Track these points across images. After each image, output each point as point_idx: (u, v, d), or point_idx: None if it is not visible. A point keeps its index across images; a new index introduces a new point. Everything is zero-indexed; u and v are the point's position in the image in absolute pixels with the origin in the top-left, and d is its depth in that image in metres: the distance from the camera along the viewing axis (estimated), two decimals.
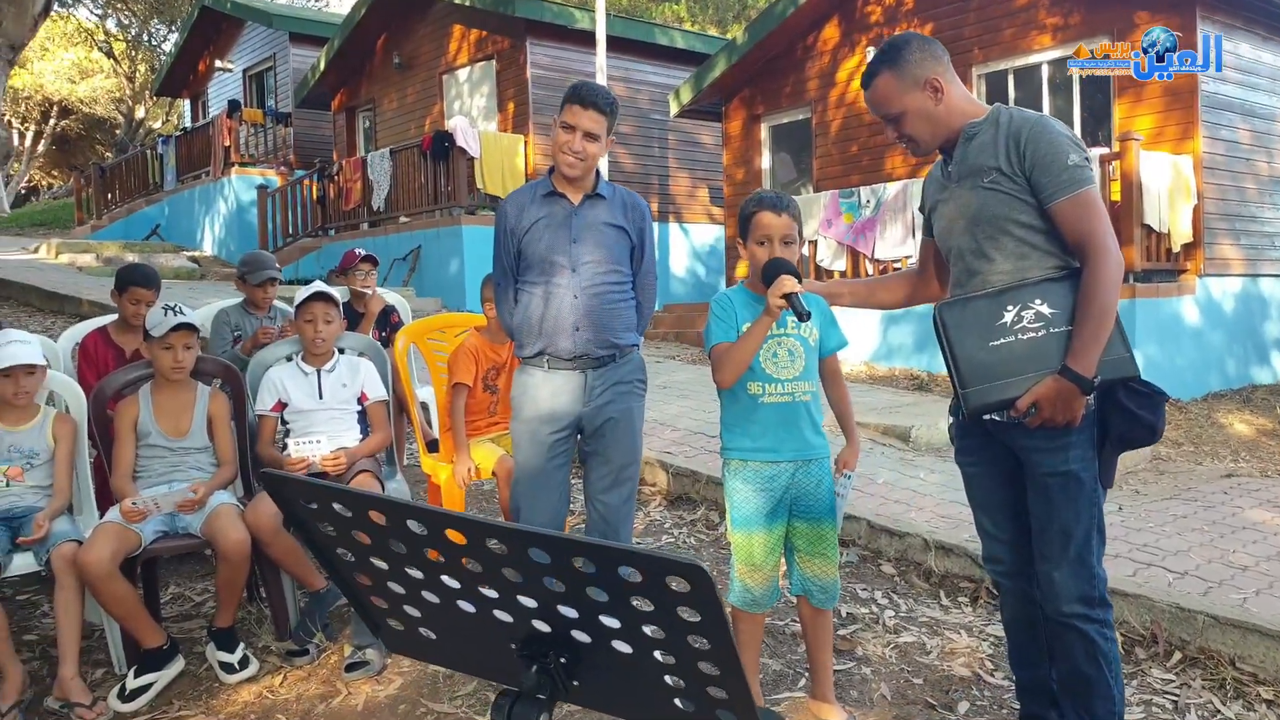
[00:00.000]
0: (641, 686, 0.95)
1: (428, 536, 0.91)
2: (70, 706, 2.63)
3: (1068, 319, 2.00)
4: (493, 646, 1.01)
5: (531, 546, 0.85)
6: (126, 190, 16.90)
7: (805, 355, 2.46)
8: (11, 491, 2.90)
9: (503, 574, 0.90)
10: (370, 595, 1.06)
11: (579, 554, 0.84)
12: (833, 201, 8.52)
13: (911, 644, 3.02)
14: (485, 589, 0.94)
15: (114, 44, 26.36)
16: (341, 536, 0.98)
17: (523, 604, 0.93)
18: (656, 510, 4.39)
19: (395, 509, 0.91)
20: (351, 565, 1.01)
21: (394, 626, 1.10)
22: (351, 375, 3.33)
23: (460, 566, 0.92)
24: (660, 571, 0.81)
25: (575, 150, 2.64)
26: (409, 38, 13.26)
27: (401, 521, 0.91)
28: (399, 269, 11.22)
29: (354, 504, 0.93)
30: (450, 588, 0.96)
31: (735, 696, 0.89)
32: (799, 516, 2.48)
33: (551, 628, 0.95)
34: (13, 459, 2.91)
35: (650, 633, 0.89)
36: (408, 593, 1.01)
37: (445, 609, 1.00)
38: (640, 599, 0.85)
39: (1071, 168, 1.99)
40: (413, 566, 0.96)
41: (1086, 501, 2.06)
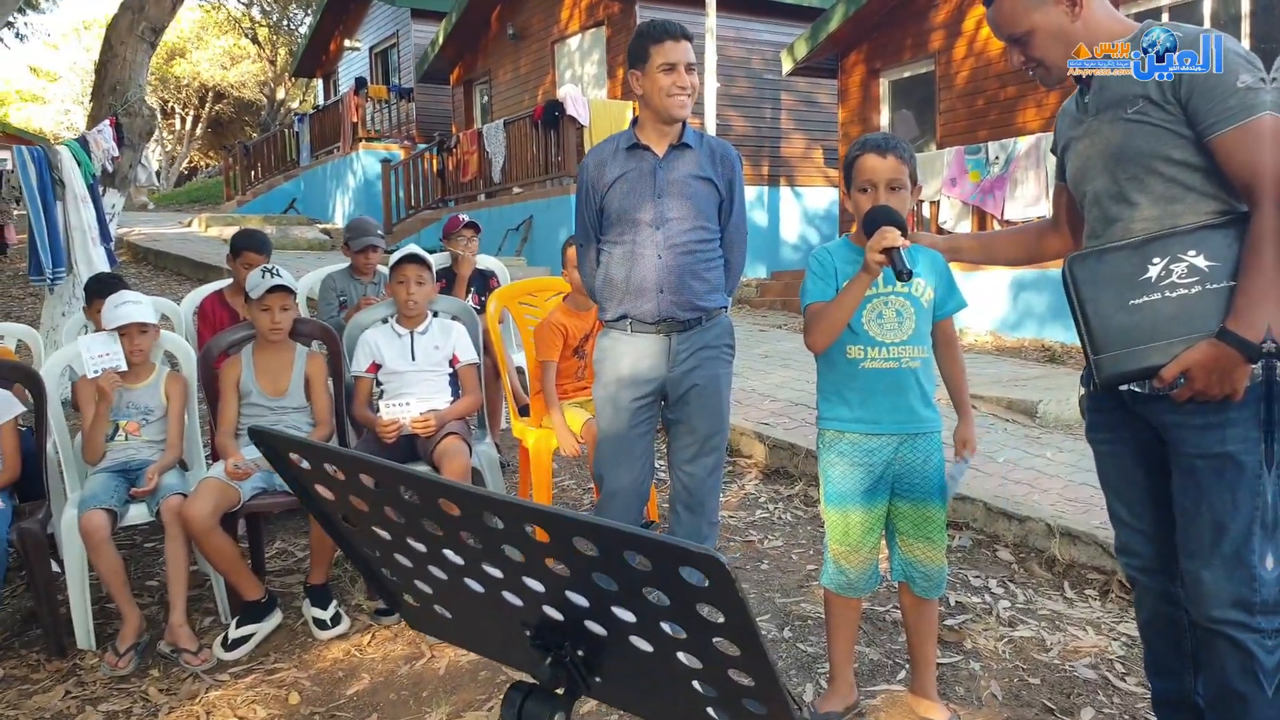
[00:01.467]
0: (669, 689, 0.81)
1: (421, 505, 0.79)
2: (179, 652, 2.74)
3: (1229, 273, 1.68)
4: (507, 630, 0.89)
5: (526, 522, 0.72)
6: (268, 167, 17.82)
7: (916, 316, 2.22)
8: (129, 445, 3.02)
9: (503, 551, 0.77)
10: (380, 567, 0.95)
11: (578, 533, 0.70)
12: (958, 159, 8.00)
13: (1029, 639, 2.75)
14: (489, 567, 0.81)
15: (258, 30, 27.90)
16: (340, 501, 0.88)
17: (529, 586, 0.80)
18: (751, 484, 4.22)
19: (384, 473, 0.79)
20: (353, 533, 0.91)
21: (410, 602, 0.99)
22: (444, 338, 3.33)
23: (460, 540, 0.80)
24: (671, 560, 0.66)
25: (684, 86, 2.49)
26: (522, 7, 13.30)
27: (394, 487, 0.79)
28: (512, 239, 11.33)
29: (346, 465, 0.82)
30: (455, 564, 0.85)
31: (774, 710, 0.73)
32: (902, 496, 2.26)
33: (564, 615, 0.81)
34: (130, 414, 3.03)
35: (670, 631, 0.74)
36: (414, 566, 0.90)
37: (454, 586, 0.89)
38: (653, 591, 0.70)
39: (1242, 90, 1.65)
40: (413, 538, 0.85)
41: (1248, 490, 1.74)
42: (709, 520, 2.70)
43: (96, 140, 6.09)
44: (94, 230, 5.86)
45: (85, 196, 5.84)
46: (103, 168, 6.13)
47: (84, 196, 5.83)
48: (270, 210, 16.53)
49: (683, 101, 2.49)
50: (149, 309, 3.10)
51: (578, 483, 4.29)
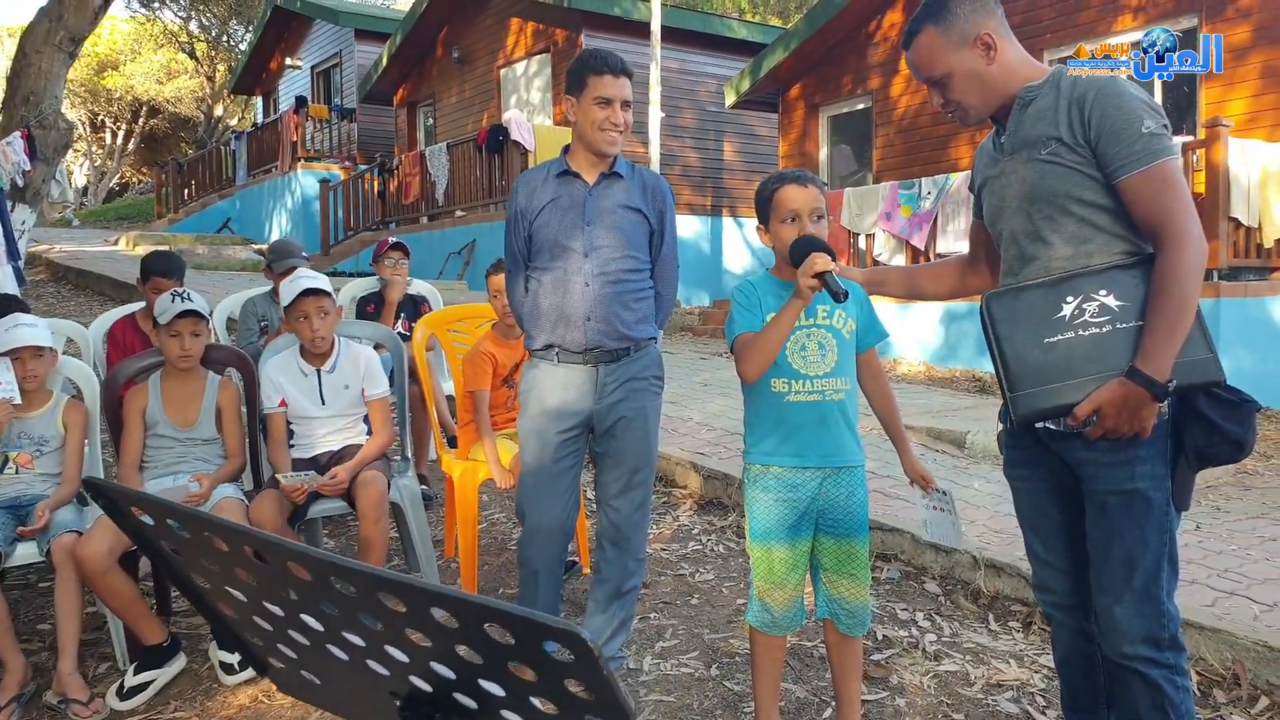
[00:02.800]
0: None
1: (272, 569, 0.72)
2: (68, 703, 2.56)
3: (1138, 313, 1.72)
4: (377, 699, 0.83)
5: (378, 591, 0.66)
6: (202, 185, 17.43)
7: (838, 349, 2.21)
8: (20, 479, 2.85)
9: (361, 620, 0.71)
10: (241, 630, 0.88)
11: (434, 604, 0.64)
12: (892, 193, 8.16)
13: (953, 673, 2.74)
14: (349, 635, 0.75)
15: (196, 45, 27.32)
16: (189, 561, 0.80)
17: (393, 656, 0.74)
18: (686, 515, 4.18)
19: (230, 533, 0.72)
20: (208, 593, 0.84)
21: (276, 665, 0.92)
22: (354, 373, 3.08)
23: (316, 607, 0.74)
24: (532, 635, 0.61)
25: (617, 123, 2.46)
26: (468, 32, 13.27)
27: (239, 548, 0.72)
28: (454, 262, 11.21)
29: (190, 524, 0.75)
30: (315, 629, 0.78)
31: None
32: (826, 531, 2.24)
33: (432, 687, 0.75)
34: (22, 445, 2.86)
35: (542, 706, 0.69)
36: (274, 630, 0.83)
37: (318, 652, 0.82)
38: (518, 665, 0.65)
39: (1146, 136, 1.70)
40: (270, 601, 0.78)
41: (1155, 526, 1.77)
42: (635, 557, 2.64)
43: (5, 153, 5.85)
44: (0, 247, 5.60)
45: None
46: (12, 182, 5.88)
47: None
48: (204, 229, 16.13)
49: (613, 138, 2.47)
50: (45, 332, 2.93)
51: (508, 515, 4.19)
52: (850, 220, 8.55)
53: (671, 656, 2.85)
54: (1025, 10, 8.19)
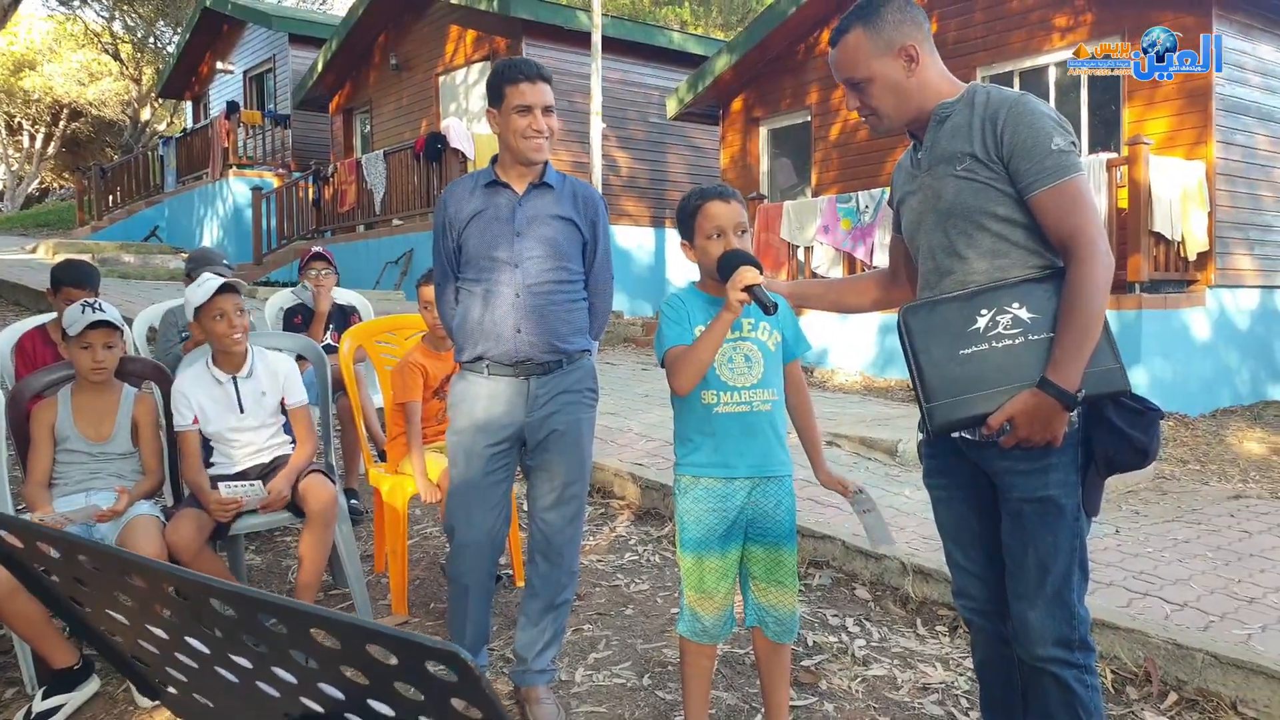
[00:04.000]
0: None
1: (149, 590, 0.70)
2: None
3: (1049, 325, 1.77)
4: None
5: (257, 611, 0.64)
6: (127, 191, 16.88)
7: (764, 361, 2.24)
8: None
9: (245, 642, 0.69)
10: (130, 654, 0.85)
11: (314, 625, 0.63)
12: (830, 207, 8.31)
13: (881, 678, 2.78)
14: (236, 657, 0.73)
15: (121, 46, 26.43)
16: (66, 584, 0.77)
17: (281, 677, 0.72)
18: (623, 526, 4.17)
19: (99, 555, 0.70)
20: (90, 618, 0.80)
21: (171, 692, 0.88)
22: (271, 381, 3.01)
23: (199, 629, 0.71)
24: (413, 655, 0.59)
25: (540, 130, 2.44)
26: (406, 39, 13.13)
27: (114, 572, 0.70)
28: (391, 272, 11.05)
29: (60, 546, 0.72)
30: (201, 652, 0.75)
31: None
32: (755, 540, 2.26)
33: (323, 709, 0.73)
34: None
35: None
36: (161, 654, 0.80)
37: (206, 675, 0.79)
38: (404, 685, 0.64)
39: (1056, 153, 1.76)
40: (152, 624, 0.75)
41: (1067, 532, 1.83)
42: (568, 570, 2.62)
43: None
44: None
45: None
46: None
47: None
48: (130, 237, 15.60)
49: (538, 144, 2.45)
50: None
51: (440, 530, 4.13)
52: (790, 233, 8.67)
53: (604, 667, 2.83)
54: (959, 29, 8.43)
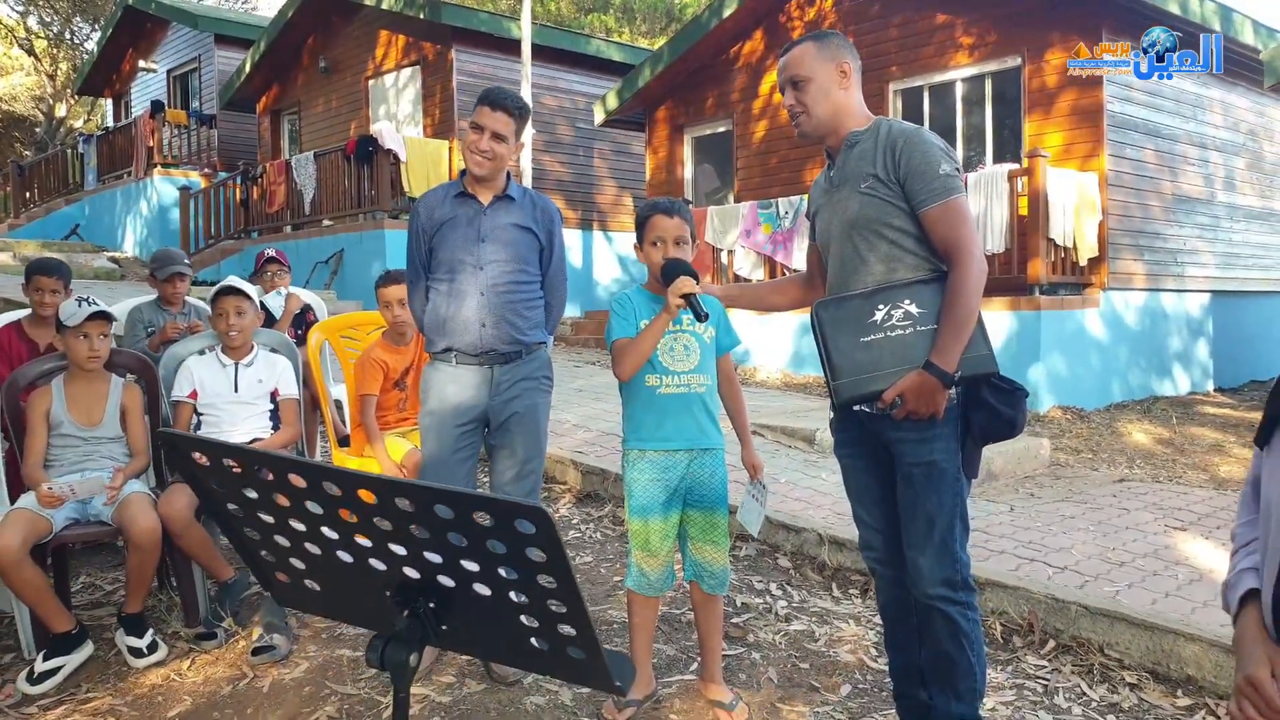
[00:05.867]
0: (502, 627, 1.08)
1: (307, 490, 1.02)
2: None
3: (934, 318, 2.17)
4: (370, 595, 1.13)
5: (397, 495, 0.97)
6: (46, 189, 16.42)
7: (701, 350, 2.62)
8: None
9: (374, 523, 1.02)
10: (260, 549, 1.16)
11: (439, 501, 0.97)
12: (751, 212, 8.78)
13: (801, 632, 3.20)
14: (360, 538, 1.06)
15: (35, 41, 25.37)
16: (231, 492, 1.09)
17: (394, 551, 1.05)
18: (566, 507, 4.52)
19: (279, 464, 1.02)
20: (241, 520, 1.12)
21: (281, 580, 1.20)
22: (269, 371, 3.40)
23: (338, 518, 1.04)
24: (508, 515, 0.94)
25: (483, 149, 2.76)
26: (335, 42, 13.16)
27: (284, 476, 1.02)
28: (321, 272, 11.10)
29: (243, 459, 1.04)
30: (329, 538, 1.08)
31: (582, 633, 1.02)
32: (693, 505, 2.63)
33: (420, 574, 1.07)
34: None
35: (505, 574, 1.02)
36: (292, 545, 1.12)
37: (326, 560, 1.11)
38: (494, 541, 0.98)
39: (943, 177, 2.17)
40: (296, 519, 1.08)
41: (950, 490, 2.23)
42: None
43: None
44: None
45: None
46: None
47: None
48: (49, 236, 15.17)
49: (478, 161, 2.77)
50: None
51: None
52: (714, 237, 9.12)
53: None
54: (873, 44, 9.00)
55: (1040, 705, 2.75)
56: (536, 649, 1.07)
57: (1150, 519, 4.37)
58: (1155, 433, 6.84)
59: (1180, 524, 4.23)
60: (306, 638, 3.04)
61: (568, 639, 1.04)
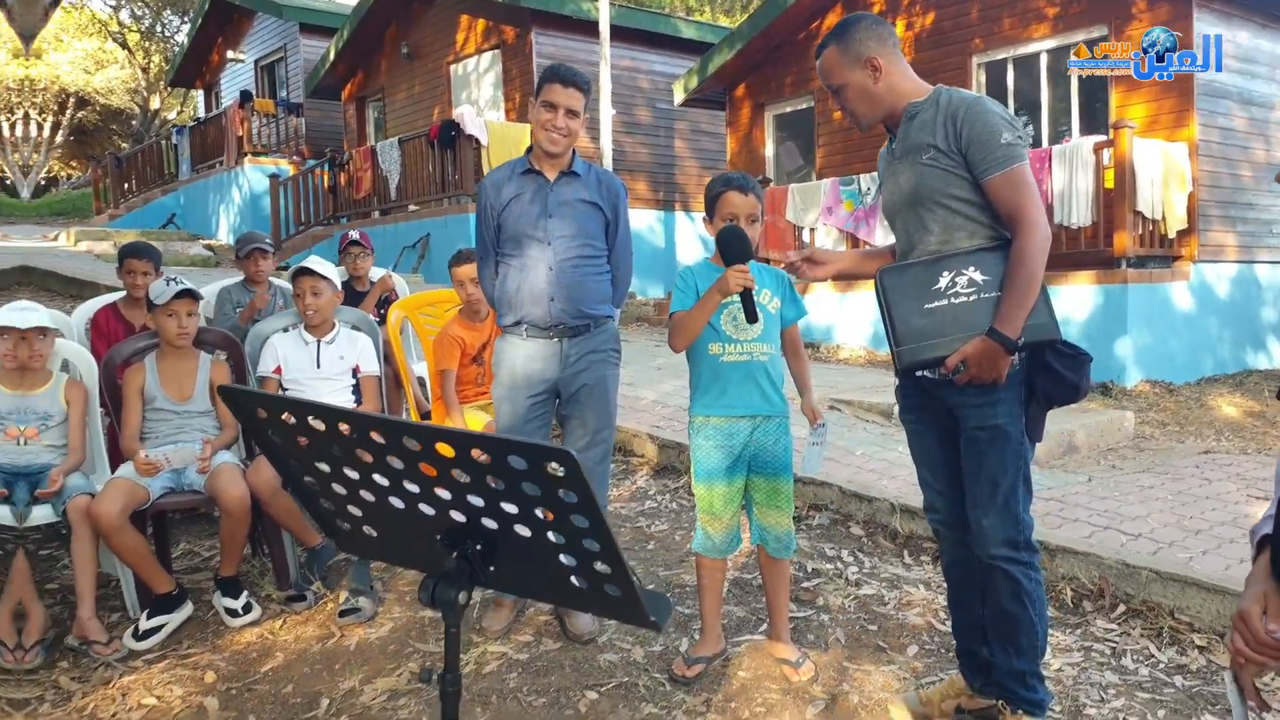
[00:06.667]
0: (544, 567, 1.13)
1: (357, 438, 1.09)
2: (88, 644, 2.86)
3: (998, 285, 2.15)
4: (421, 539, 1.20)
5: (437, 441, 1.03)
6: (143, 180, 17.19)
7: (764, 320, 2.63)
8: (29, 450, 3.11)
9: (419, 469, 1.08)
10: (320, 498, 1.24)
11: (474, 445, 1.02)
12: (833, 189, 8.65)
13: (871, 596, 3.19)
14: (409, 484, 1.12)
15: (128, 35, 26.67)
16: (289, 444, 1.16)
17: (440, 496, 1.11)
18: (643, 479, 4.58)
19: (327, 414, 1.09)
20: (301, 471, 1.20)
21: (342, 527, 1.28)
22: (350, 348, 3.54)
23: (386, 464, 1.11)
24: (539, 457, 0.98)
25: (559, 126, 2.81)
26: (417, 27, 13.44)
27: (335, 425, 1.09)
28: (409, 256, 11.42)
29: (297, 411, 1.11)
30: (381, 485, 1.15)
31: (616, 571, 1.06)
32: (757, 472, 2.65)
33: (466, 517, 1.13)
34: (28, 420, 3.13)
35: (541, 515, 1.07)
36: (348, 493, 1.19)
37: (380, 506, 1.18)
38: (529, 484, 1.03)
39: (1005, 145, 2.14)
40: (349, 467, 1.15)
41: (1012, 454, 2.21)
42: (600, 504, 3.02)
43: None
44: None
45: None
46: None
47: None
48: (147, 225, 15.94)
49: (553, 139, 2.82)
50: (47, 315, 3.21)
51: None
52: (795, 215, 9.02)
53: None
54: (954, 16, 8.72)
55: (1107, 667, 2.72)
56: (577, 587, 1.12)
57: (1233, 489, 4.20)
58: (1246, 406, 6.53)
59: (1263, 494, 4.06)
60: (391, 600, 3.18)
61: (604, 576, 1.09)
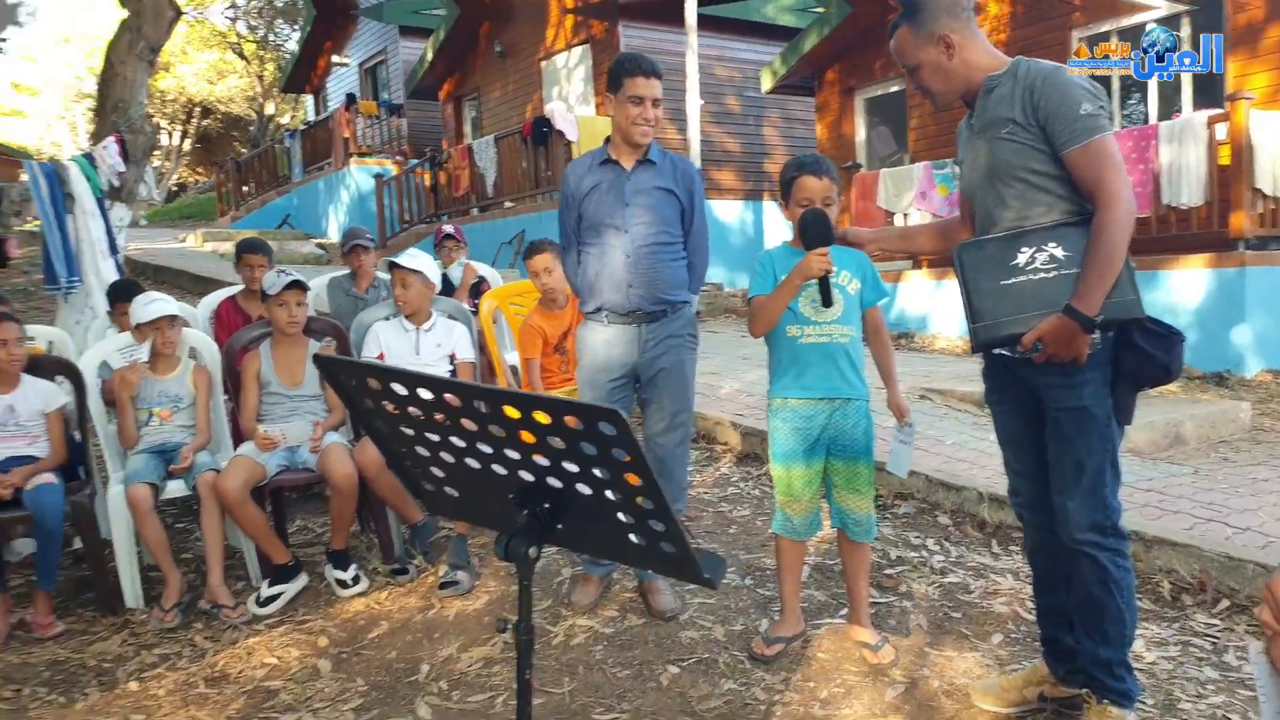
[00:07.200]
0: (605, 525, 1.21)
1: (434, 401, 1.19)
2: (218, 608, 3.14)
3: (1079, 262, 2.09)
4: (495, 499, 1.29)
5: (503, 403, 1.12)
6: (260, 183, 18.16)
7: (844, 302, 2.63)
8: (163, 429, 3.42)
9: (490, 430, 1.17)
10: (405, 460, 1.35)
11: (536, 406, 1.10)
12: (926, 173, 8.44)
13: (956, 584, 3.15)
14: (482, 445, 1.21)
15: (244, 45, 28.26)
16: (377, 408, 1.27)
17: (509, 456, 1.20)
18: (726, 466, 4.63)
19: (407, 379, 1.19)
20: (388, 435, 1.31)
21: (428, 489, 1.39)
22: (447, 336, 3.70)
23: (461, 427, 1.20)
24: (591, 417, 1.06)
25: (649, 119, 2.89)
26: (509, 26, 13.76)
27: (414, 391, 1.19)
28: (506, 252, 11.74)
29: (381, 377, 1.22)
30: (458, 447, 1.24)
31: (669, 529, 1.13)
32: (836, 455, 2.66)
33: (533, 476, 1.21)
34: (161, 402, 3.43)
35: (599, 474, 1.14)
36: (430, 456, 1.30)
37: (459, 468, 1.28)
38: (586, 444, 1.10)
39: (1084, 116, 2.08)
40: (429, 430, 1.25)
41: (1099, 436, 2.15)
42: (679, 484, 3.11)
43: (102, 156, 6.42)
44: (102, 243, 6.17)
45: (94, 210, 6.14)
46: (109, 183, 6.46)
47: (92, 210, 6.13)
48: (264, 225, 16.85)
49: (645, 131, 2.90)
50: (174, 304, 3.51)
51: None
52: (887, 201, 8.83)
53: None
54: None
55: (1206, 662, 2.61)
56: (635, 544, 1.20)
57: None
58: None
59: None
60: (488, 574, 3.34)
61: (659, 534, 1.15)
